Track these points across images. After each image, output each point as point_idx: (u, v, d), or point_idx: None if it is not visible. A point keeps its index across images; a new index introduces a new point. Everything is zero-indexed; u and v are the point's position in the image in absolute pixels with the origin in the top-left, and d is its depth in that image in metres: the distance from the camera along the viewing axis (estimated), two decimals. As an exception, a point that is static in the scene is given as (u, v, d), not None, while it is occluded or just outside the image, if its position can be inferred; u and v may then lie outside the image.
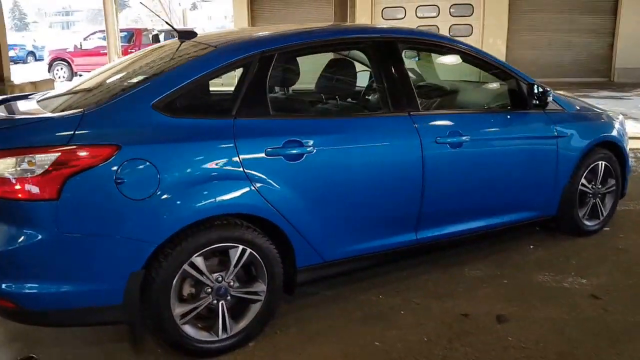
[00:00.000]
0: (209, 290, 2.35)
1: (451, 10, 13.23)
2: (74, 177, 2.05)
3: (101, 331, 2.61)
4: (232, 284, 2.41)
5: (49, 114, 2.30)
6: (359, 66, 3.14)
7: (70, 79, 16.35)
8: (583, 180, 3.57)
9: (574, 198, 3.55)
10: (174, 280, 2.25)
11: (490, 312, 2.79)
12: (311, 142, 2.49)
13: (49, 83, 11.18)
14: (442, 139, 2.87)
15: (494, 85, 3.48)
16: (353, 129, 2.69)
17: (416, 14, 13.40)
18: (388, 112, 2.82)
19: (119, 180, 2.10)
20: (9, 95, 3.14)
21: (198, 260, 2.29)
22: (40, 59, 23.65)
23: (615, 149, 3.73)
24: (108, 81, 2.65)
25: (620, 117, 4.00)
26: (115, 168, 2.09)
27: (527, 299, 2.92)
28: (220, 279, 2.37)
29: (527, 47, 12.96)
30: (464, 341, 2.54)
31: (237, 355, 2.45)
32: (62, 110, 2.33)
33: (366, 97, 3.10)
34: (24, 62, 26.62)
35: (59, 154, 2.04)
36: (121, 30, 16.71)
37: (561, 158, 3.37)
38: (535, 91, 3.18)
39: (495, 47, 12.89)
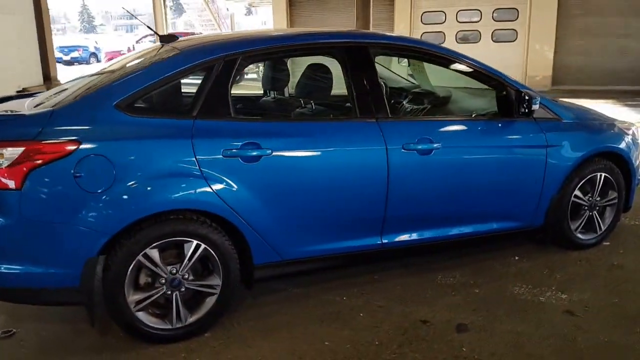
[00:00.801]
0: (163, 281, 2.50)
1: (494, 14, 12.95)
2: (37, 170, 2.26)
3: (77, 312, 2.80)
4: (186, 276, 2.55)
5: (24, 112, 2.53)
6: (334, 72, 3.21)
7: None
8: (577, 192, 3.47)
9: (565, 209, 3.46)
10: (129, 270, 2.42)
11: (451, 321, 2.79)
12: (269, 145, 2.60)
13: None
14: (410, 145, 2.90)
15: (481, 92, 3.45)
16: (314, 133, 2.76)
17: (457, 19, 13.20)
18: (355, 117, 2.88)
19: (77, 174, 2.29)
20: (12, 94, 3.43)
21: (152, 252, 2.45)
22: (101, 60, 25.03)
23: (618, 160, 3.61)
24: (88, 82, 2.86)
25: (633, 128, 3.86)
26: (73, 163, 2.28)
27: (495, 310, 2.89)
28: (174, 271, 2.52)
29: (576, 53, 12.49)
30: (415, 347, 2.56)
31: (190, 344, 2.59)
32: (41, 108, 2.55)
33: (334, 102, 3.17)
34: (87, 62, 28.20)
35: (24, 148, 2.26)
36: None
37: (550, 168, 3.30)
38: (520, 98, 3.14)
39: (542, 53, 12.52)
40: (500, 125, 3.22)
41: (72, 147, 2.29)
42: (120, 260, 2.40)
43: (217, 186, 2.50)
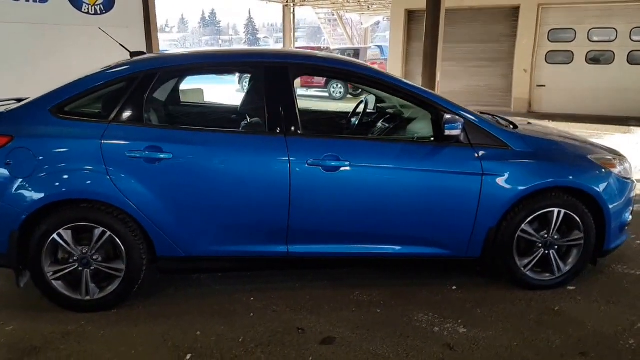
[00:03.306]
0: (75, 258, 3.08)
1: (632, 34, 11.71)
2: None
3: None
4: (95, 257, 3.10)
5: None
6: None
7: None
8: (525, 227, 3.33)
9: (508, 244, 3.34)
10: (46, 244, 3.03)
11: (324, 333, 2.95)
12: (171, 150, 3.04)
13: (197, 92, 13.09)
14: (315, 161, 3.11)
15: (424, 115, 3.48)
16: (217, 142, 3.13)
17: (588, 37, 12.19)
18: (263, 131, 3.19)
19: (8, 162, 2.97)
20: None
21: (66, 233, 3.04)
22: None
23: (586, 197, 3.37)
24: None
25: (619, 164, 3.54)
26: (6, 153, 2.97)
27: (376, 331, 2.97)
28: (85, 251, 3.08)
29: None
30: (268, 349, 2.79)
31: (94, 316, 3.12)
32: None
33: (247, 115, 3.46)
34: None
35: None
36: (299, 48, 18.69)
37: (487, 198, 3.22)
38: (442, 123, 3.15)
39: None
40: (424, 149, 3.25)
41: (7, 140, 2.97)
42: (38, 237, 3.02)
43: (120, 182, 3.01)
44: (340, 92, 17.53)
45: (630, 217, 3.61)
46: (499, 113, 4.34)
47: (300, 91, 17.94)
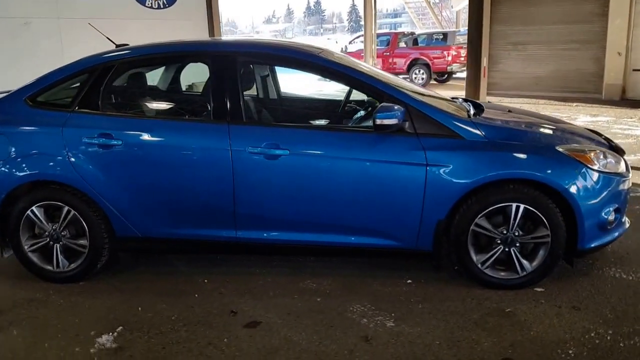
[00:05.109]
0: (47, 233, 3.48)
1: None
2: None
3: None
4: (63, 233, 3.47)
5: None
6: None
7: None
8: (480, 221, 3.20)
9: (461, 239, 3.23)
10: (22, 221, 3.45)
11: (254, 317, 3.08)
12: (120, 137, 3.32)
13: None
14: (255, 149, 3.22)
15: (362, 104, 3.45)
16: (162, 129, 3.36)
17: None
18: (207, 119, 3.36)
19: (-13, 147, 3.42)
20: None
21: (38, 210, 3.44)
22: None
23: (551, 191, 3.16)
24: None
25: (594, 156, 3.26)
26: (-14, 138, 3.42)
27: (304, 318, 3.05)
28: (55, 227, 3.46)
29: None
30: (193, 328, 2.98)
31: (62, 287, 3.50)
32: None
33: (194, 103, 3.61)
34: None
35: None
36: (380, 35, 18.54)
37: (432, 189, 3.15)
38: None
39: None
40: (366, 138, 3.23)
41: (-14, 127, 3.43)
42: (17, 213, 3.45)
43: (79, 166, 3.35)
44: (422, 79, 17.18)
45: (615, 215, 3.31)
46: (588, 100, 4.13)
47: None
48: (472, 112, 3.58)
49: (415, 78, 17.13)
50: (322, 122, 3.89)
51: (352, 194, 3.24)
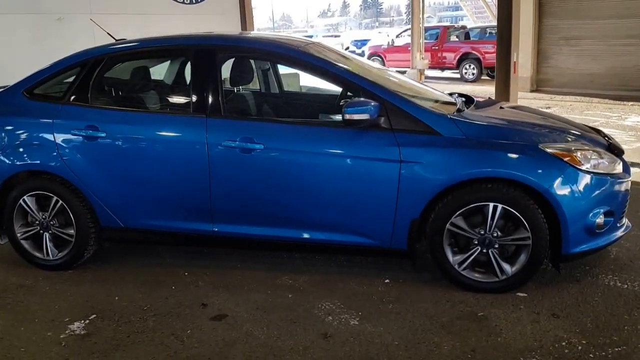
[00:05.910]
0: (37, 222, 3.67)
1: None
2: None
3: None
4: (52, 222, 3.65)
5: None
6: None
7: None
8: (457, 220, 3.12)
9: (437, 238, 3.16)
10: (14, 210, 3.65)
11: (222, 310, 3.14)
12: (105, 129, 3.45)
13: (294, 77, 13.51)
14: (231, 143, 3.27)
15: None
16: (143, 122, 3.46)
17: None
18: (187, 112, 3.44)
19: (-15, 137, 3.64)
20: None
21: (29, 200, 3.63)
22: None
23: (532, 192, 3.04)
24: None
25: (594, 159, 3.13)
26: (-14, 128, 3.64)
27: (270, 314, 3.08)
28: (45, 216, 3.65)
29: None
30: (162, 319, 3.07)
31: (51, 274, 3.69)
32: None
33: (175, 97, 3.68)
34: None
35: None
36: (429, 28, 18.19)
37: (407, 187, 3.10)
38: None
39: None
40: (340, 133, 3.21)
41: (-16, 119, 3.65)
42: (11, 201, 3.65)
43: (66, 157, 3.51)
44: (473, 74, 16.74)
45: (606, 218, 3.14)
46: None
47: (432, 72, 17.51)
48: (462, 108, 3.49)
49: (466, 73, 16.68)
50: (310, 117, 3.88)
51: (325, 189, 3.24)
